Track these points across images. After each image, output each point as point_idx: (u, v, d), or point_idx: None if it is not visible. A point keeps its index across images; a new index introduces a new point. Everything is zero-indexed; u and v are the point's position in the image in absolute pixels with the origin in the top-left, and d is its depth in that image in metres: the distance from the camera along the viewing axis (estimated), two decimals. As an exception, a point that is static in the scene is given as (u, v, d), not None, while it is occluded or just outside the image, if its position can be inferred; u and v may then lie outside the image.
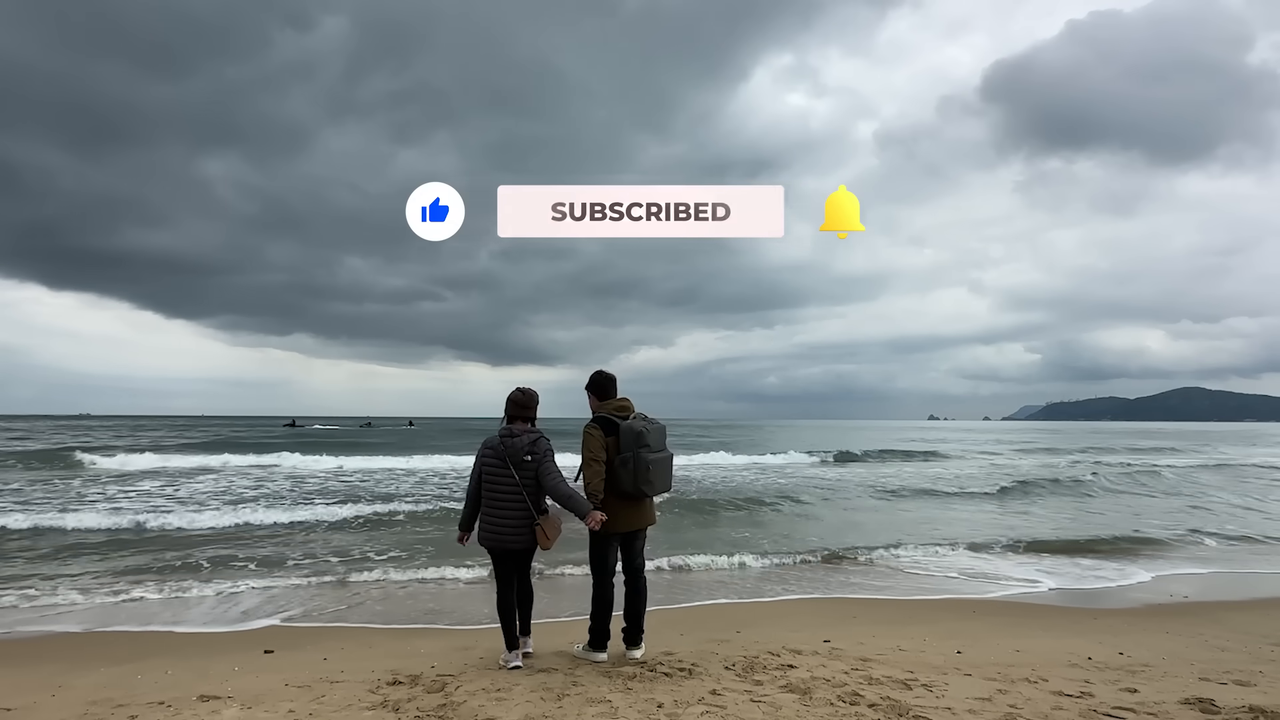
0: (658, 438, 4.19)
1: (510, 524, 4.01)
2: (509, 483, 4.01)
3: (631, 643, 4.29)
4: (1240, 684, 3.92)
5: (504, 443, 4.05)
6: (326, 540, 9.41)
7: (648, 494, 4.16)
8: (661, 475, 4.18)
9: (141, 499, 13.25)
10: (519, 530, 4.02)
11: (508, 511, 4.01)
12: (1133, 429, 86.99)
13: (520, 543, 4.04)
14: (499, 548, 4.07)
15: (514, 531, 4.02)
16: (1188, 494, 16.61)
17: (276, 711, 3.37)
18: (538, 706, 3.38)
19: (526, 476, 4.01)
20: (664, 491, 4.29)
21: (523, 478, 4.00)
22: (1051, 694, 3.66)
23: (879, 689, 3.64)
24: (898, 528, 10.94)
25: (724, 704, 3.38)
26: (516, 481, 3.99)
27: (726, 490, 15.54)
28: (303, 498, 13.75)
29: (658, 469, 4.13)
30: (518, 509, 4.00)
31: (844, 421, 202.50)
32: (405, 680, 3.82)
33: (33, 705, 3.62)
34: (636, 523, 4.25)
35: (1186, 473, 21.44)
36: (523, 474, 4.01)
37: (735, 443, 38.99)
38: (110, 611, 6.02)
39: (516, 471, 4.00)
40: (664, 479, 4.21)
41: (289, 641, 5.02)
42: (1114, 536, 10.18)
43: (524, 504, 4.01)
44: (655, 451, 4.13)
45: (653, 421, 4.24)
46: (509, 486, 4.01)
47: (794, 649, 4.46)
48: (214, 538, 9.50)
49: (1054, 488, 17.29)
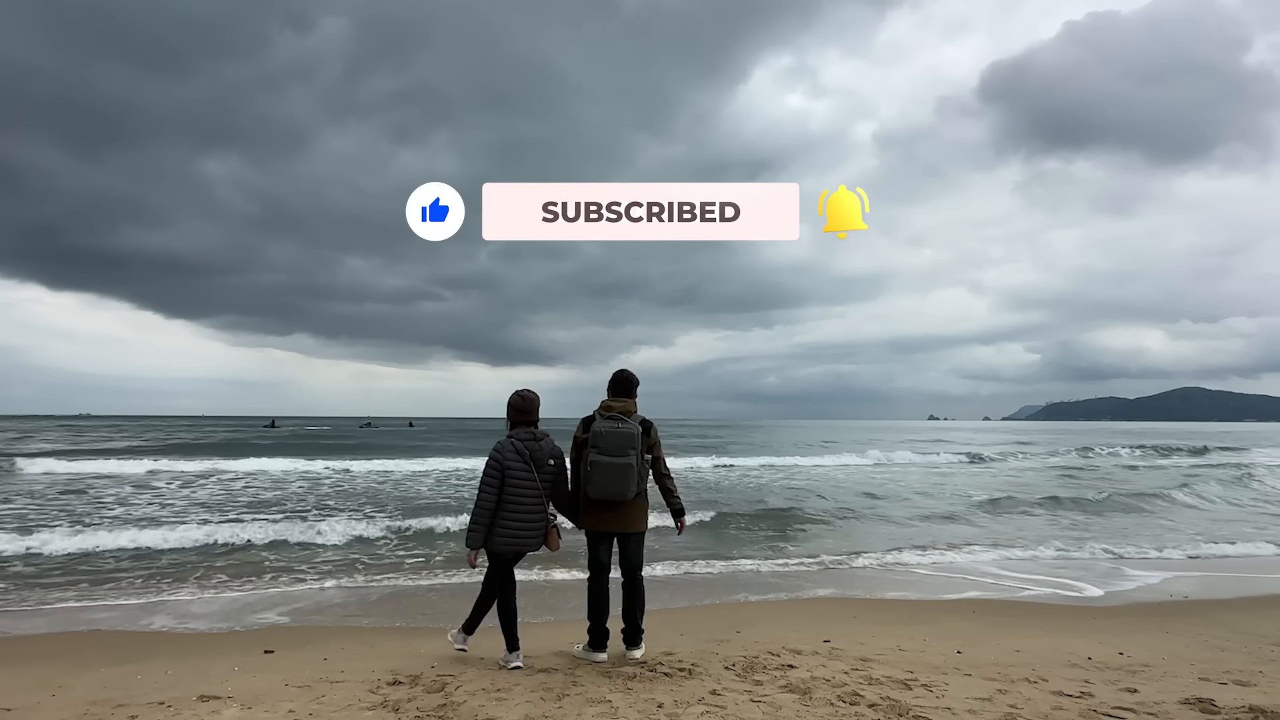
0: (613, 441, 4.04)
1: (530, 527, 4.08)
2: (531, 486, 4.08)
3: (631, 643, 4.28)
4: (1240, 684, 3.92)
5: (528, 446, 4.10)
6: (327, 540, 9.40)
7: (591, 496, 4.09)
8: (605, 481, 4.02)
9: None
10: (536, 533, 4.11)
11: (529, 515, 4.07)
12: (1146, 429, 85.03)
13: (535, 544, 4.13)
14: (514, 550, 4.12)
15: (531, 534, 4.10)
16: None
17: (276, 711, 3.37)
18: (538, 706, 3.38)
19: (546, 481, 4.12)
20: (613, 498, 4.07)
21: (543, 481, 4.11)
22: (1051, 694, 3.65)
23: (879, 689, 3.64)
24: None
25: (724, 704, 3.38)
26: (538, 485, 4.09)
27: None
28: (286, 499, 13.74)
29: (599, 472, 4.02)
30: (538, 512, 4.10)
31: (845, 421, 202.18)
32: (405, 680, 3.81)
33: (33, 705, 3.62)
34: (603, 524, 4.19)
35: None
36: (544, 478, 4.11)
37: (774, 444, 38.16)
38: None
39: (539, 475, 4.09)
40: (608, 485, 4.03)
41: (289, 641, 5.02)
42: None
43: (543, 507, 4.13)
44: (606, 455, 4.02)
45: (624, 424, 4.08)
46: (531, 490, 4.08)
47: (794, 649, 4.46)
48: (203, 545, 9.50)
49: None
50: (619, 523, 4.19)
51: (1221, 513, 13.69)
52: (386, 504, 12.82)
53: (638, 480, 4.11)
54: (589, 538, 4.31)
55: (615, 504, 4.13)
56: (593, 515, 4.21)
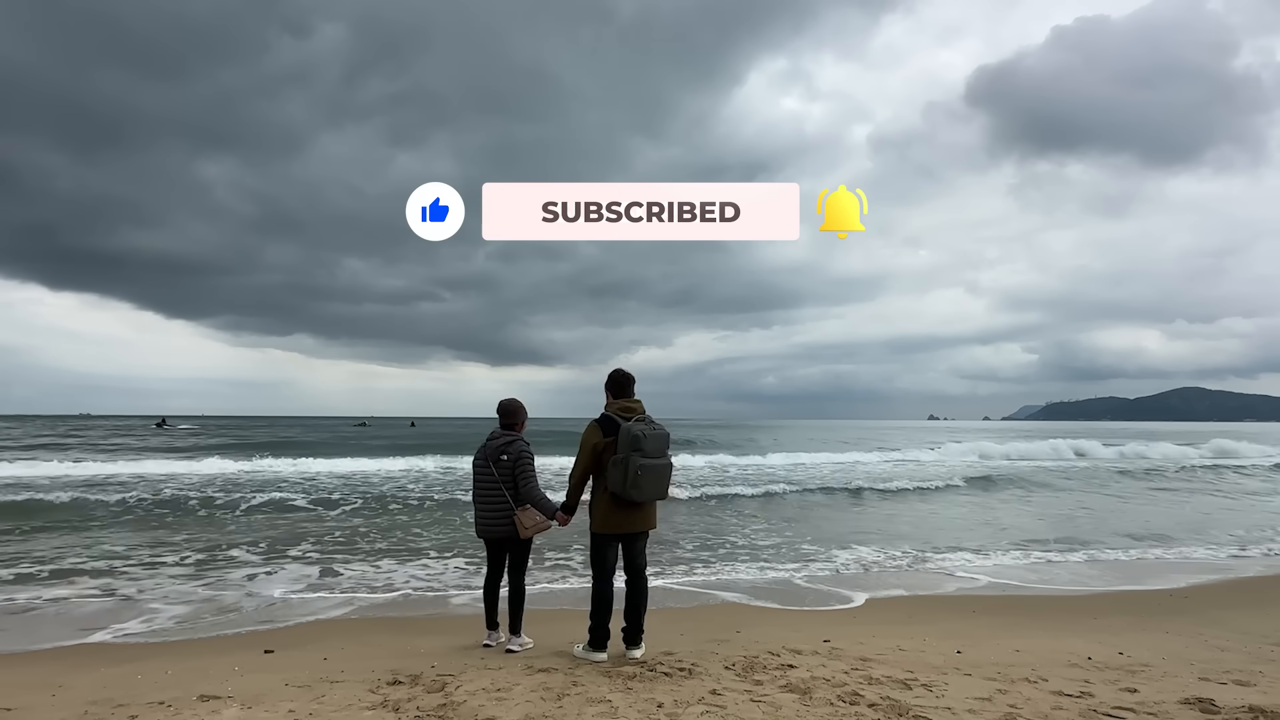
0: (655, 444, 4.09)
1: (493, 514, 4.58)
2: (489, 479, 4.59)
3: (631, 643, 4.28)
4: (1240, 684, 3.91)
5: (485, 445, 4.69)
6: (325, 542, 9.40)
7: (635, 499, 4.10)
8: (653, 483, 4.09)
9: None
10: (500, 520, 4.56)
11: (490, 504, 4.59)
12: (1156, 430, 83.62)
13: (502, 530, 4.58)
14: (487, 535, 4.68)
15: (496, 521, 4.58)
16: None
17: (276, 711, 3.37)
18: (538, 706, 3.38)
19: (503, 473, 4.57)
20: (656, 498, 4.20)
21: (500, 474, 4.57)
22: (1051, 694, 3.65)
23: (879, 689, 3.64)
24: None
25: (724, 704, 3.38)
26: (495, 478, 4.57)
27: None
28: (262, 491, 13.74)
29: (648, 476, 4.06)
30: (498, 501, 4.56)
31: (846, 421, 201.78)
32: (405, 680, 3.81)
33: (33, 705, 3.62)
34: (628, 526, 4.22)
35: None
36: (500, 471, 4.57)
37: (818, 440, 36.80)
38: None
39: (495, 469, 4.58)
40: (655, 486, 4.11)
41: (289, 641, 5.02)
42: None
43: (502, 496, 4.55)
44: (650, 457, 4.06)
45: (655, 426, 4.15)
46: (489, 482, 4.59)
47: (794, 649, 4.46)
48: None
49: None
50: (639, 521, 4.24)
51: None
52: (386, 503, 12.82)
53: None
54: (598, 540, 4.27)
55: (637, 504, 4.16)
56: (615, 518, 4.19)
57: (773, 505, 13.11)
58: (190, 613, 5.97)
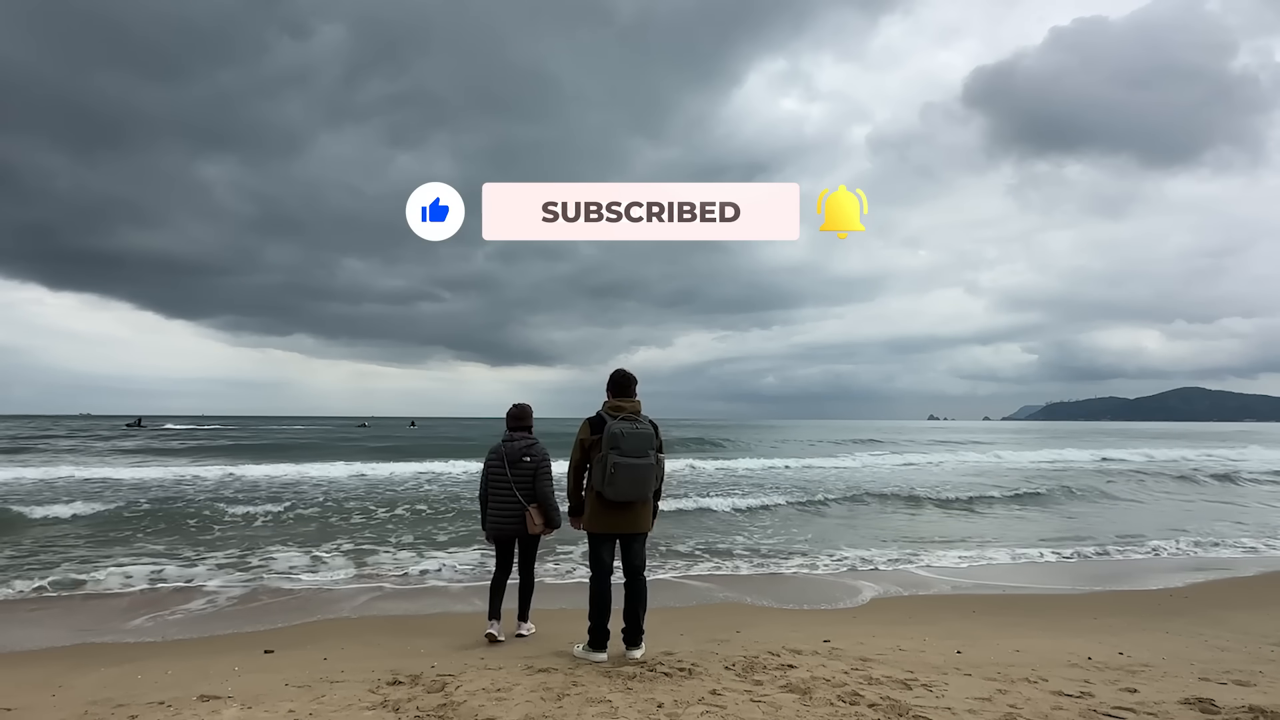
0: (634, 442, 4.05)
1: (507, 513, 4.80)
2: (504, 479, 4.82)
3: (631, 643, 4.28)
4: (1240, 684, 3.91)
5: (504, 446, 4.87)
6: (327, 541, 9.40)
7: (611, 498, 4.09)
8: (628, 482, 4.05)
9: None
10: (513, 518, 4.79)
11: (505, 503, 4.81)
12: (1163, 430, 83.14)
13: (514, 529, 4.82)
14: (499, 534, 4.89)
15: (509, 519, 4.81)
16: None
17: (276, 711, 3.37)
18: (538, 706, 3.38)
19: (519, 475, 4.79)
20: (635, 499, 4.13)
21: (515, 475, 4.79)
22: (1051, 694, 3.65)
23: (879, 689, 3.64)
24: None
25: (724, 704, 3.38)
26: (510, 479, 4.80)
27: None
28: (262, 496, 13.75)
29: (623, 474, 4.03)
30: (511, 500, 4.79)
31: (847, 421, 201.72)
32: (405, 680, 3.81)
33: (33, 705, 3.62)
34: (616, 527, 4.20)
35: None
36: (516, 472, 4.79)
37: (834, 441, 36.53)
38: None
39: (511, 470, 4.80)
40: (632, 486, 4.07)
41: (289, 641, 5.02)
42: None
43: (514, 496, 4.78)
44: (628, 456, 4.03)
45: (640, 424, 4.12)
46: (504, 482, 4.82)
47: (794, 649, 4.46)
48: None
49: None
50: (628, 523, 4.21)
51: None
52: (385, 504, 12.82)
53: (655, 480, 4.18)
54: (593, 539, 4.32)
55: (626, 505, 4.14)
56: (602, 517, 4.21)
57: (773, 506, 13.10)
58: (191, 613, 5.97)
